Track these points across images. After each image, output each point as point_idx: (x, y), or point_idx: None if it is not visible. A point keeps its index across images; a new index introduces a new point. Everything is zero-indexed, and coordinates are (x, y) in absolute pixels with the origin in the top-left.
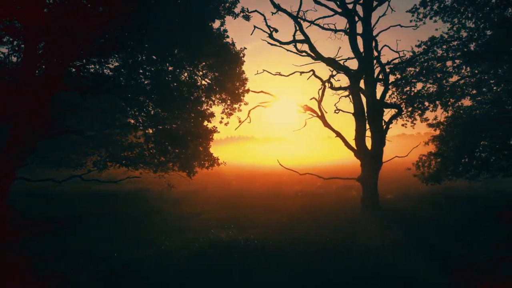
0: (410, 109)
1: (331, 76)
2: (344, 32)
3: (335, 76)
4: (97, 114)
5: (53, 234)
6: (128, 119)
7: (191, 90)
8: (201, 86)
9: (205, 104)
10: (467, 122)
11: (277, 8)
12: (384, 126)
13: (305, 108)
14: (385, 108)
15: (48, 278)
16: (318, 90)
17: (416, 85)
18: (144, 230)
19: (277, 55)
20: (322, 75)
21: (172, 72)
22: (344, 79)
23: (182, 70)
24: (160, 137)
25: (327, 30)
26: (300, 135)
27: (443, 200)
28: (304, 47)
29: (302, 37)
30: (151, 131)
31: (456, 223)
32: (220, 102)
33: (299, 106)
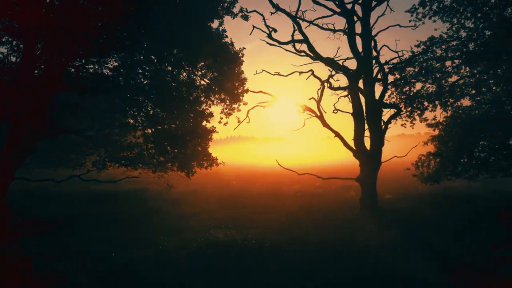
0: (409, 109)
1: (330, 76)
2: (343, 32)
3: (334, 76)
4: (96, 114)
5: (52, 234)
6: (128, 119)
7: (190, 90)
8: (200, 86)
9: (204, 104)
10: (466, 122)
11: (276, 8)
12: (383, 126)
13: (304, 108)
14: (384, 108)
15: (48, 278)
16: (317, 90)
17: (416, 85)
18: (143, 230)
19: (276, 55)
20: (321, 75)
21: (171, 72)
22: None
23: (181, 70)
24: (159, 137)
25: (326, 30)
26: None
27: (442, 200)
28: (303, 47)
29: (301, 37)
30: (150, 131)
31: (455, 223)
32: (219, 102)
33: (298, 106)
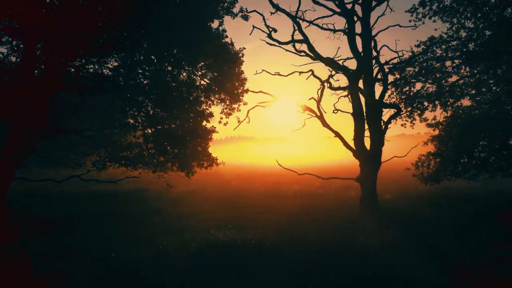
0: (409, 109)
1: (330, 76)
2: (343, 32)
3: (334, 76)
4: (96, 114)
5: (52, 234)
6: (127, 119)
7: (190, 90)
8: (200, 86)
9: (204, 104)
10: (466, 122)
11: (276, 8)
12: (383, 126)
13: (304, 108)
14: (384, 108)
15: (48, 278)
16: (317, 90)
17: (416, 85)
18: (143, 230)
19: (276, 55)
20: (321, 75)
21: (171, 72)
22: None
23: (181, 70)
24: (159, 137)
25: (326, 30)
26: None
27: (442, 200)
28: (303, 47)
29: (301, 37)
30: (150, 131)
31: (455, 223)
32: (219, 102)
33: (298, 106)
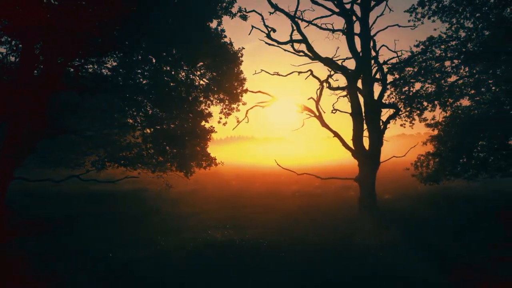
0: (409, 109)
1: (329, 76)
2: (342, 32)
3: (333, 76)
4: (96, 114)
5: (51, 234)
6: (127, 119)
7: (189, 90)
8: (199, 86)
9: (203, 104)
10: (466, 122)
11: (274, 8)
12: (381, 126)
13: (303, 108)
14: (382, 108)
15: (48, 278)
16: (316, 90)
17: (415, 85)
18: (142, 230)
19: (275, 55)
20: (320, 75)
21: (170, 72)
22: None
23: (180, 70)
24: (158, 137)
25: (325, 30)
26: (300, 135)
27: (441, 200)
28: (302, 47)
29: (299, 37)
30: (149, 131)
31: (455, 223)
32: (218, 102)
33: (297, 106)
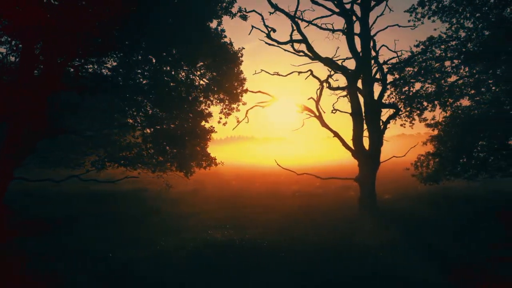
0: (409, 109)
1: (329, 76)
2: (342, 32)
3: (333, 76)
4: (96, 114)
5: (51, 234)
6: (127, 119)
7: (189, 90)
8: (199, 86)
9: (203, 104)
10: (466, 122)
11: (274, 8)
12: (381, 126)
13: (303, 108)
14: (382, 108)
15: (47, 278)
16: (316, 90)
17: (415, 85)
18: (143, 230)
19: (275, 55)
20: (320, 75)
21: (170, 72)
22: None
23: (180, 70)
24: (158, 137)
25: (325, 30)
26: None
27: (441, 200)
28: (302, 47)
29: (299, 37)
30: (149, 131)
31: (455, 223)
32: (218, 102)
33: (297, 106)
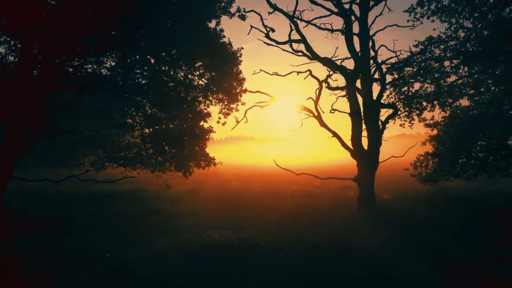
0: (408, 109)
1: (328, 76)
2: (341, 32)
3: (332, 76)
4: (95, 114)
5: (50, 234)
6: (126, 119)
7: (188, 90)
8: (198, 86)
9: (202, 104)
10: (465, 122)
11: (273, 8)
12: (380, 126)
13: (302, 108)
14: (381, 108)
15: (47, 278)
16: (315, 90)
17: (414, 85)
18: (142, 230)
19: (274, 55)
20: (319, 75)
21: (169, 72)
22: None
23: (179, 70)
24: (157, 137)
25: (324, 30)
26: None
27: (440, 200)
28: (301, 47)
29: (298, 37)
30: (148, 131)
31: (454, 223)
32: (217, 102)
33: (296, 106)
